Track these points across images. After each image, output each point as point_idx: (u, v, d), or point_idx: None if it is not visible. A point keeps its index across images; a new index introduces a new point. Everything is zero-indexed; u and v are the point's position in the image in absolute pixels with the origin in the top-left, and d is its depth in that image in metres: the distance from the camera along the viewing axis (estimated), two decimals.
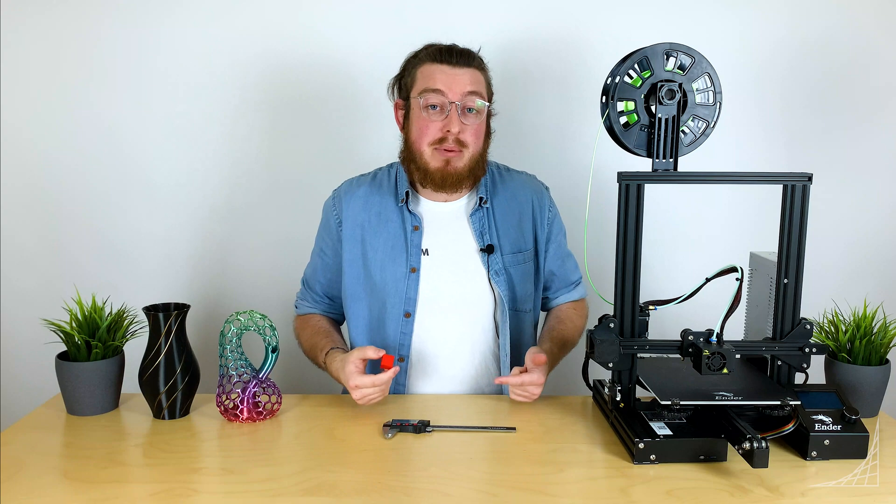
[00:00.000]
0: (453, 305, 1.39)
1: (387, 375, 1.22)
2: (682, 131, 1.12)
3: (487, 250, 1.39)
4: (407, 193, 1.42)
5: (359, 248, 1.43)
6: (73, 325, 1.24)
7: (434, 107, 1.33)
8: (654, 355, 1.23)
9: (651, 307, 1.16)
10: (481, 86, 1.36)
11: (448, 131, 1.33)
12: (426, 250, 1.40)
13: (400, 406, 1.29)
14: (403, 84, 1.41)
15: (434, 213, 1.43)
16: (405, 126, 1.41)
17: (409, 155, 1.40)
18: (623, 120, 1.12)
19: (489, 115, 1.43)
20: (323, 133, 1.82)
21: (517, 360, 1.43)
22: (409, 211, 1.41)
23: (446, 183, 1.37)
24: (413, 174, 1.41)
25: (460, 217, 1.44)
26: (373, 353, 1.24)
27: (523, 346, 1.46)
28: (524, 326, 1.46)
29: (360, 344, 1.44)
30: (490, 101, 1.41)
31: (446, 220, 1.43)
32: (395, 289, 1.38)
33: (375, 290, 1.40)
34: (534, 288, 1.47)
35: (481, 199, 1.42)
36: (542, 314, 1.57)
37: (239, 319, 1.22)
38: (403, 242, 1.40)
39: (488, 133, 1.43)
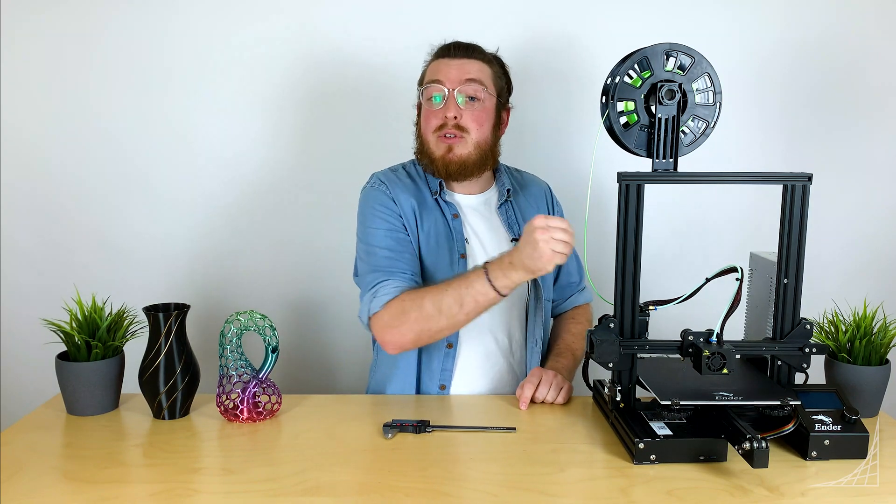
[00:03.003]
0: None
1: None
2: (682, 131, 1.12)
3: (518, 240, 1.39)
4: (441, 184, 1.43)
5: (413, 235, 1.41)
6: (73, 325, 1.24)
7: (436, 97, 1.38)
8: (654, 355, 1.23)
9: (651, 307, 1.16)
10: (484, 75, 1.39)
11: (446, 116, 1.37)
12: (467, 238, 1.42)
13: (400, 406, 1.29)
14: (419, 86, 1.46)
15: (466, 205, 1.47)
16: (419, 122, 1.46)
17: (419, 147, 1.45)
18: (623, 120, 1.12)
19: (502, 108, 1.45)
20: (325, 133, 1.82)
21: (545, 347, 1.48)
22: (446, 201, 1.44)
23: (450, 169, 1.39)
24: (427, 167, 1.44)
25: (489, 209, 1.48)
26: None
27: (547, 334, 1.51)
28: (548, 316, 1.51)
29: None
30: (501, 94, 1.43)
31: (478, 211, 1.47)
32: (446, 274, 1.36)
33: (426, 275, 1.40)
34: (552, 280, 1.52)
35: (508, 191, 1.47)
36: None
37: (239, 319, 1.22)
38: (447, 229, 1.42)
39: (498, 123, 1.45)
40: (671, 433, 1.06)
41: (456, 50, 1.40)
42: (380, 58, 1.74)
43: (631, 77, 1.10)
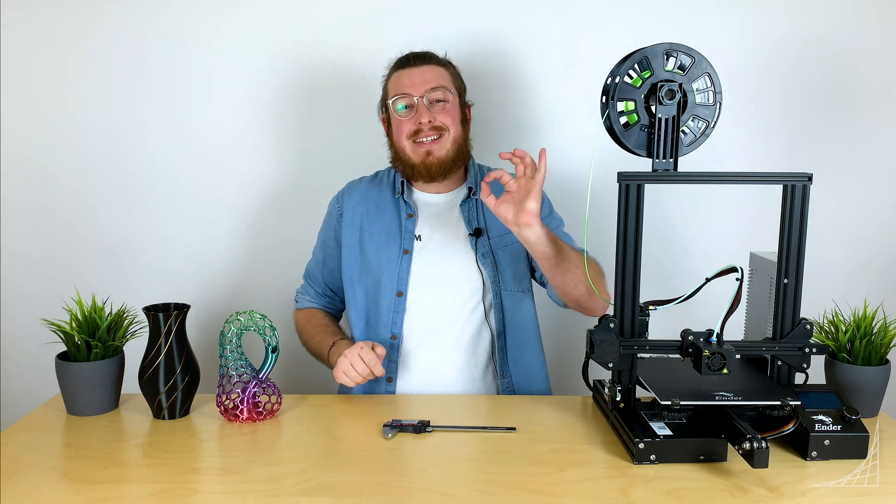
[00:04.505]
0: (443, 285, 1.46)
1: (376, 369, 1.29)
2: (682, 131, 1.12)
3: (475, 234, 1.47)
4: (403, 184, 1.52)
5: (357, 235, 1.52)
6: (73, 325, 1.24)
7: (405, 107, 1.46)
8: (654, 355, 1.23)
9: (651, 307, 1.16)
10: (444, 79, 1.48)
11: (420, 122, 1.44)
12: (419, 236, 1.49)
13: (400, 406, 1.29)
14: (383, 101, 1.55)
15: (427, 204, 1.53)
16: (389, 135, 1.53)
17: (395, 156, 1.52)
18: (623, 120, 1.12)
19: (465, 105, 1.54)
20: (324, 134, 1.82)
21: (511, 339, 1.47)
22: (405, 201, 1.51)
23: (431, 172, 1.47)
24: (405, 173, 1.51)
25: (452, 207, 1.53)
26: (380, 349, 1.32)
27: (520, 326, 1.49)
28: (520, 307, 1.49)
29: (358, 326, 1.50)
30: (461, 93, 1.52)
31: (439, 210, 1.52)
32: (389, 269, 1.46)
33: (371, 272, 1.48)
34: (527, 269, 1.52)
35: (470, 189, 1.51)
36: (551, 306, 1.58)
37: (239, 319, 1.22)
38: (398, 228, 1.49)
39: (466, 120, 1.53)
40: (671, 433, 1.06)
41: (414, 60, 1.48)
42: (380, 59, 1.74)
43: (631, 77, 1.10)
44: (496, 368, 1.46)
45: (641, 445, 1.03)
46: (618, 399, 1.14)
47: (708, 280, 1.12)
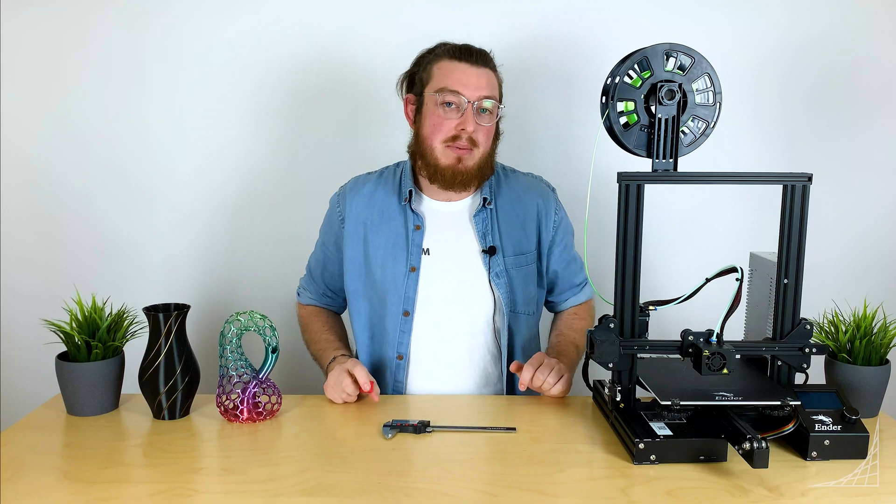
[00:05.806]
0: (452, 305, 1.40)
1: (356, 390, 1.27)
2: (682, 131, 1.12)
3: (490, 252, 1.40)
4: (410, 192, 1.42)
5: (360, 246, 1.44)
6: (73, 325, 1.24)
7: (450, 104, 1.33)
8: (654, 355, 1.23)
9: (651, 307, 1.16)
10: (495, 88, 1.38)
11: (463, 129, 1.33)
12: (427, 250, 1.40)
13: (400, 406, 1.29)
14: (417, 79, 1.40)
15: (436, 213, 1.44)
16: (416, 121, 1.41)
17: (419, 150, 1.40)
18: (623, 120, 1.12)
19: (499, 117, 1.44)
20: (325, 134, 1.82)
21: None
22: (412, 210, 1.42)
23: (455, 181, 1.37)
24: (421, 170, 1.41)
25: (463, 217, 1.44)
26: (364, 378, 1.26)
27: (525, 348, 1.46)
28: (525, 329, 1.46)
29: (363, 340, 1.46)
30: (500, 102, 1.41)
31: (449, 221, 1.43)
32: (395, 287, 1.39)
33: (376, 287, 1.42)
34: (536, 290, 1.47)
35: (485, 199, 1.42)
36: (549, 317, 1.59)
37: (239, 320, 1.22)
38: (404, 241, 1.41)
39: (497, 134, 1.44)
40: (671, 433, 1.06)
41: (477, 57, 1.35)
42: (378, 60, 1.74)
43: (631, 77, 1.10)
44: (504, 389, 1.43)
45: (641, 445, 1.03)
46: (618, 399, 1.14)
47: (708, 280, 1.12)
